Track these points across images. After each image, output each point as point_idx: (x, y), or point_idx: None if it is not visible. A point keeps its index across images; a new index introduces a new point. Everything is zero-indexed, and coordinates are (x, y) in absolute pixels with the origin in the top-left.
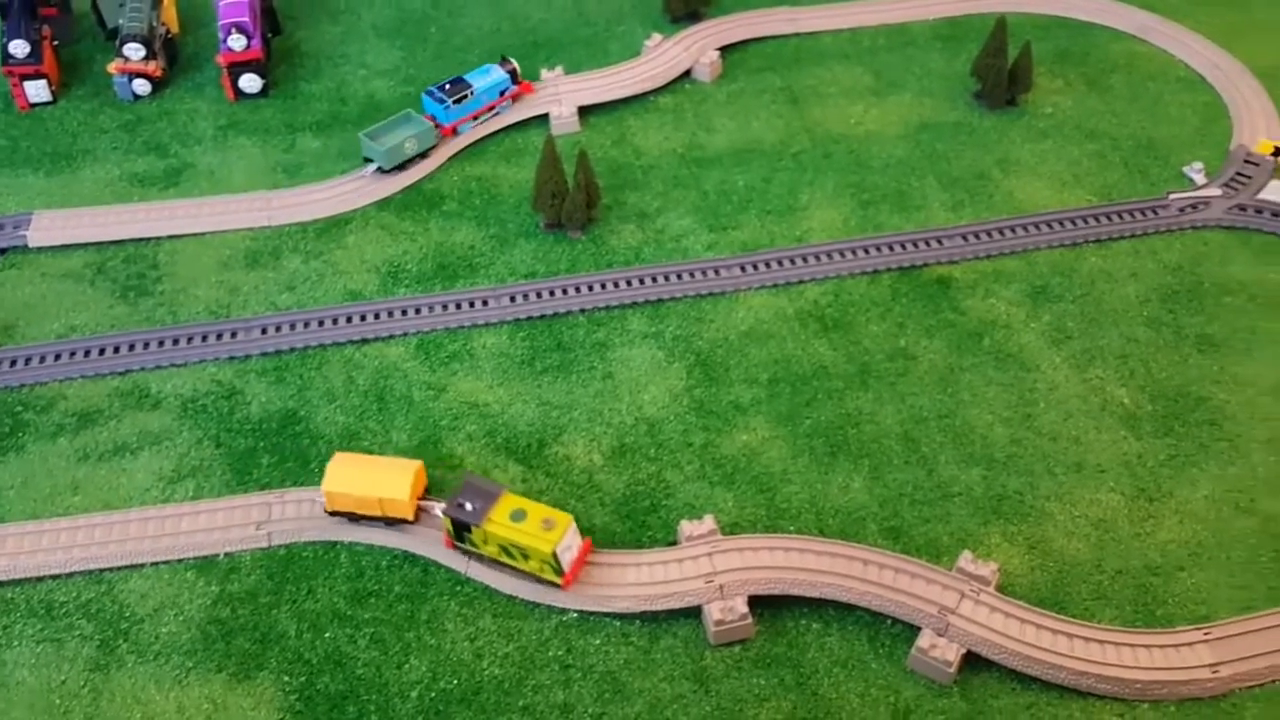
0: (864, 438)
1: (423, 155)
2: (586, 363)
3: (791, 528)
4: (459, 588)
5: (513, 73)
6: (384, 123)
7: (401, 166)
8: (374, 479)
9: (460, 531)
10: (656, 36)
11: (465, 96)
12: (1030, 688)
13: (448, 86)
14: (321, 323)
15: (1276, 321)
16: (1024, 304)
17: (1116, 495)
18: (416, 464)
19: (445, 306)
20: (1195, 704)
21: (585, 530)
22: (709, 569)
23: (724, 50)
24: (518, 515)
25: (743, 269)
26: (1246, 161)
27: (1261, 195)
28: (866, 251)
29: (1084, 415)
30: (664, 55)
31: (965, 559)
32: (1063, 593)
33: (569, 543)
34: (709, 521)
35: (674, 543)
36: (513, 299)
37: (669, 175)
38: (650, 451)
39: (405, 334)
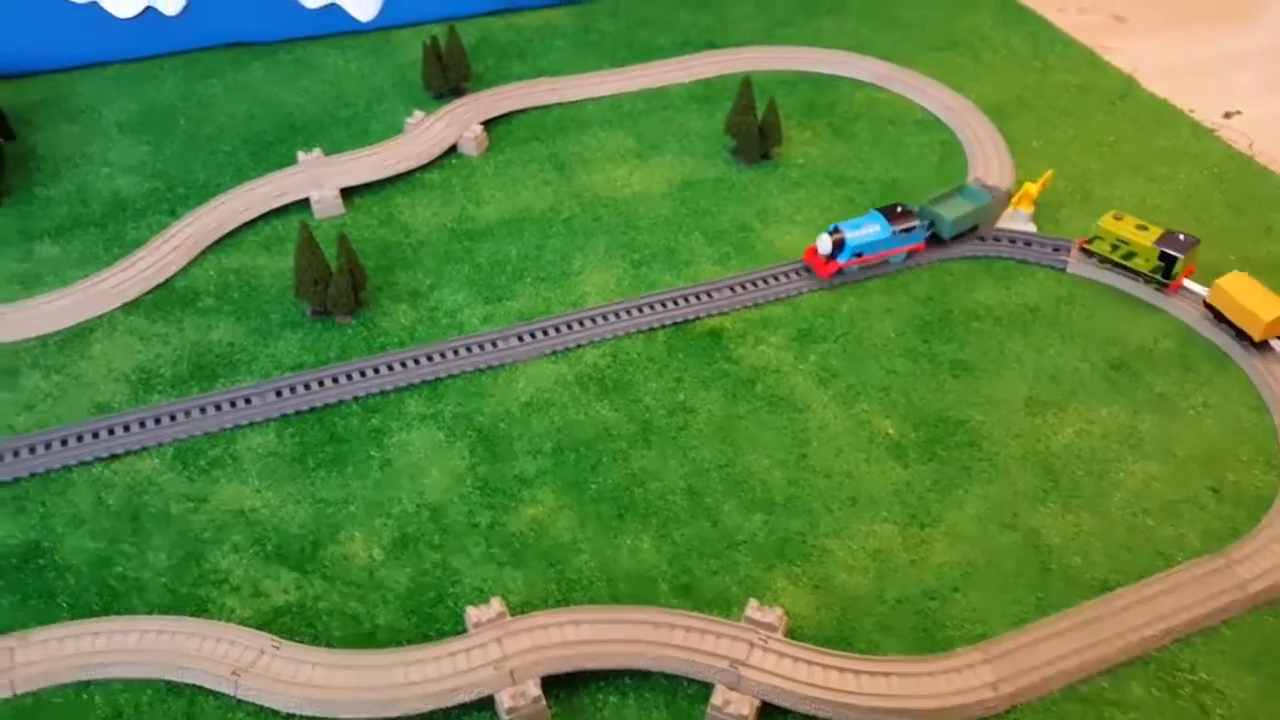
0: (650, 496)
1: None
2: (363, 452)
3: (583, 598)
4: (229, 715)
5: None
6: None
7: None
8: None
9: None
10: (419, 114)
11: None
12: None
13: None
14: (65, 442)
15: (1020, 341)
16: (791, 347)
17: (890, 525)
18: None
19: (204, 410)
20: None
21: (369, 633)
22: (498, 654)
23: (488, 123)
24: None
25: (520, 339)
26: None
27: (998, 225)
28: (641, 310)
29: (854, 450)
30: (428, 132)
31: (752, 607)
32: (848, 628)
33: None
34: (496, 604)
35: (463, 632)
36: (279, 394)
37: (440, 251)
38: (434, 539)
39: (160, 444)
